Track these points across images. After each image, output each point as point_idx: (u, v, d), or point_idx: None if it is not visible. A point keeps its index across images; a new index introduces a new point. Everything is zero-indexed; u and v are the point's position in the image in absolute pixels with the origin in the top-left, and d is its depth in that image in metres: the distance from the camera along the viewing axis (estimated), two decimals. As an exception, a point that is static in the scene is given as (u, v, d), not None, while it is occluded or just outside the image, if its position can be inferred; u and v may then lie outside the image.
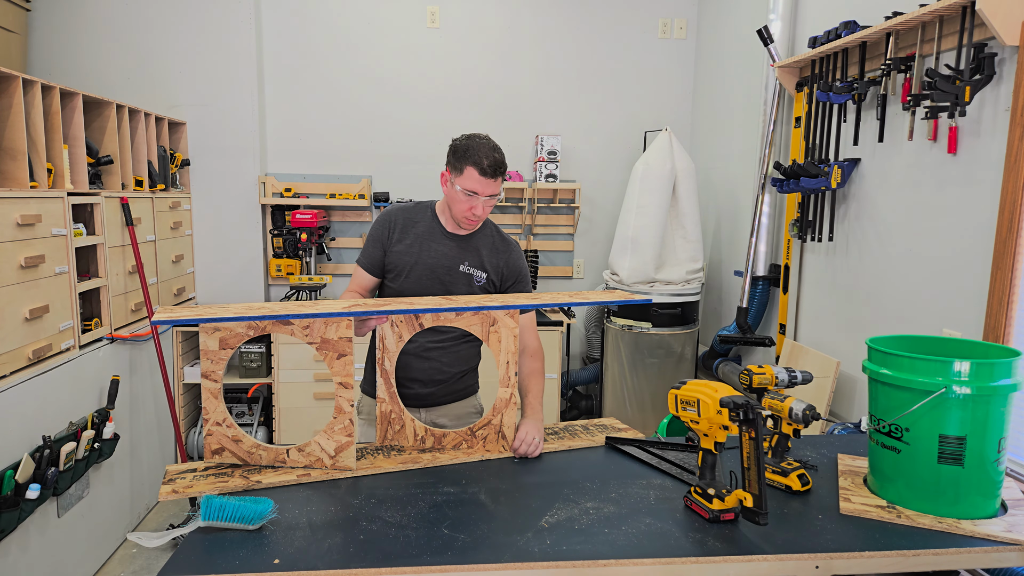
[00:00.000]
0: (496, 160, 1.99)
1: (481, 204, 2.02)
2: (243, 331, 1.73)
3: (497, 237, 2.20)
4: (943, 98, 2.21)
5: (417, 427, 1.93)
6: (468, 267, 2.13)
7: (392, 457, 1.86)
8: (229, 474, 1.73)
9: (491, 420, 1.92)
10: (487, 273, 2.15)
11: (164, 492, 1.65)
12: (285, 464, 1.77)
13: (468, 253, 2.14)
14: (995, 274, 2.14)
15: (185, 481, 1.69)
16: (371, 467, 1.79)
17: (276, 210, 4.41)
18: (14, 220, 2.49)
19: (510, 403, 1.91)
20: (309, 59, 4.41)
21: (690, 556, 1.39)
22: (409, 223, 2.15)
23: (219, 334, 1.72)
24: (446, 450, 1.91)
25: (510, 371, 1.90)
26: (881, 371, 1.62)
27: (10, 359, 2.48)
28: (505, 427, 1.92)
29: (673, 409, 1.64)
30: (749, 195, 3.76)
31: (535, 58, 4.57)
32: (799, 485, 1.67)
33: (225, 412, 1.76)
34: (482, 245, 2.16)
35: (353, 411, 1.76)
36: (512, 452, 1.92)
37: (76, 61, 4.10)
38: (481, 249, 2.16)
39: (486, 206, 2.03)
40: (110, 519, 3.14)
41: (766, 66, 3.45)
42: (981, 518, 1.54)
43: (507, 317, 1.87)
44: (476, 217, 2.05)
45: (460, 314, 1.87)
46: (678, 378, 3.95)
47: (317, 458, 1.77)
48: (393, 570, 1.33)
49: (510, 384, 1.91)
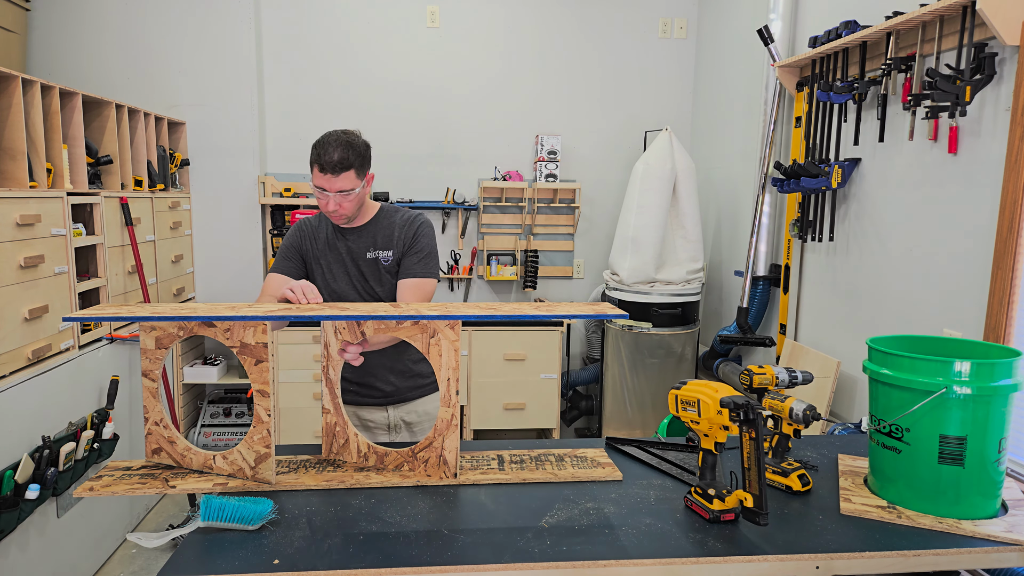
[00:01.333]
0: (336, 158, 1.96)
1: (333, 200, 2.01)
2: (175, 331, 1.69)
3: (405, 218, 2.18)
4: (943, 98, 2.21)
5: (360, 443, 1.81)
6: (375, 251, 2.14)
7: (324, 473, 1.74)
8: (154, 476, 1.68)
9: (432, 443, 1.73)
10: (392, 251, 2.14)
11: (81, 489, 1.60)
12: (212, 471, 1.71)
13: (373, 239, 2.15)
14: (995, 274, 2.14)
15: (109, 479, 1.65)
16: (294, 483, 1.68)
17: (276, 210, 4.41)
18: (14, 220, 2.49)
19: (451, 424, 1.71)
20: (309, 59, 4.41)
21: (690, 556, 1.39)
22: (315, 229, 2.19)
23: (155, 333, 1.70)
24: (387, 470, 1.78)
25: (451, 389, 1.70)
26: (881, 371, 1.62)
27: (10, 359, 2.48)
28: (447, 451, 1.72)
29: (673, 409, 1.64)
30: (749, 195, 3.76)
31: (535, 58, 4.57)
32: (799, 485, 1.67)
33: (162, 412, 1.74)
34: (385, 227, 2.16)
35: (271, 421, 1.65)
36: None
37: (76, 61, 4.10)
38: (384, 232, 2.15)
39: (341, 201, 2.02)
40: (110, 519, 3.14)
41: (766, 66, 3.45)
42: (981, 518, 1.54)
43: (448, 329, 1.70)
44: (332, 214, 2.04)
45: (400, 325, 1.73)
46: (678, 378, 3.96)
47: (239, 467, 1.69)
48: (393, 570, 1.33)
49: (451, 404, 1.70)
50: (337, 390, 1.82)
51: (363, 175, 2.04)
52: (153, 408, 1.74)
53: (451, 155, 4.59)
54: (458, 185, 4.57)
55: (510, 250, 4.66)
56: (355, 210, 2.08)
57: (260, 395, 1.65)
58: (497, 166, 4.57)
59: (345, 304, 1.87)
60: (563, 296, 4.79)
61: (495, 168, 4.55)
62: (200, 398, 4.32)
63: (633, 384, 3.93)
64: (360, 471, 1.76)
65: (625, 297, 3.89)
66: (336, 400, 1.82)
